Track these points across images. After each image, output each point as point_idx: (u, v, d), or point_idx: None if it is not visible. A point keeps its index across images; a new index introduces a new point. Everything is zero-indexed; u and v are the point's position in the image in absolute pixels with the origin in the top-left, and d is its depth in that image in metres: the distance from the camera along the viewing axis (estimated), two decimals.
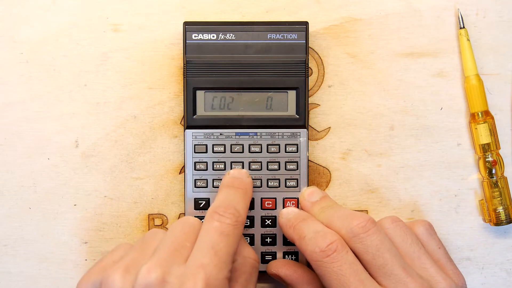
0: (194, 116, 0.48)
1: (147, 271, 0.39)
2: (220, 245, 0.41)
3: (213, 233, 0.41)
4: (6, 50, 0.50)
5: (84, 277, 0.42)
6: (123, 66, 0.50)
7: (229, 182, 0.46)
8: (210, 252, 0.40)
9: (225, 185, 0.46)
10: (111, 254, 0.44)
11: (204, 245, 0.41)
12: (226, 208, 0.42)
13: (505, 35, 0.51)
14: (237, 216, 0.42)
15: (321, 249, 0.42)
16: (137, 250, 0.43)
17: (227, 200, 0.43)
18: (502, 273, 0.51)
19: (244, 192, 0.45)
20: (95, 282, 0.41)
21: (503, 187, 0.50)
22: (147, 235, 0.44)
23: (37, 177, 0.50)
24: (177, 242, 0.41)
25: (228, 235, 0.41)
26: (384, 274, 0.42)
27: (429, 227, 0.47)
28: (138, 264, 0.41)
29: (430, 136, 0.51)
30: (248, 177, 0.47)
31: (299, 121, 0.48)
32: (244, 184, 0.46)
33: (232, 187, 0.45)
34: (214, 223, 0.42)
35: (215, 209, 0.42)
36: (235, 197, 0.44)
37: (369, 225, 0.42)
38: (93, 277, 0.42)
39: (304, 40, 0.48)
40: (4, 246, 0.50)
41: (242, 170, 0.47)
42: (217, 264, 0.40)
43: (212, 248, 0.40)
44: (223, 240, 0.41)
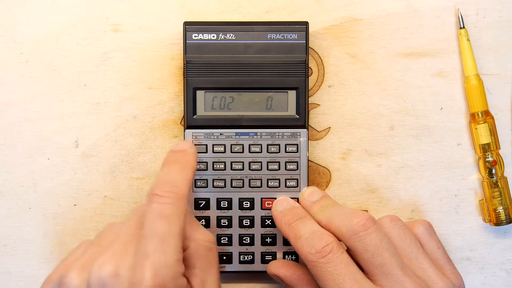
0: (194, 116, 0.48)
1: (99, 266, 0.39)
2: (163, 228, 0.40)
3: (154, 217, 0.40)
4: (6, 50, 0.50)
5: (47, 278, 0.43)
6: (123, 66, 0.50)
7: (168, 158, 0.45)
8: (154, 239, 0.39)
9: (164, 162, 0.45)
10: (72, 252, 0.44)
11: (148, 232, 0.40)
12: (163, 187, 0.41)
13: (505, 35, 0.51)
14: (176, 193, 0.41)
15: (316, 250, 0.42)
16: (95, 246, 0.42)
17: (164, 178, 0.42)
18: (502, 273, 0.51)
19: (183, 165, 0.44)
20: (55, 282, 0.41)
21: (503, 187, 0.50)
22: (104, 230, 0.44)
23: (37, 177, 0.50)
24: (130, 232, 0.41)
25: (169, 215, 0.40)
26: (382, 273, 0.42)
27: (429, 227, 0.47)
28: (94, 260, 0.40)
29: (430, 136, 0.51)
30: (191, 148, 0.46)
31: (299, 121, 0.48)
32: (184, 157, 0.45)
33: (170, 163, 0.44)
34: (153, 205, 0.41)
35: (152, 191, 0.41)
36: (173, 173, 0.43)
37: (369, 223, 0.42)
38: (54, 277, 0.42)
39: (304, 40, 0.48)
40: (4, 246, 0.50)
41: (184, 141, 0.46)
42: (163, 249, 0.39)
43: (155, 233, 0.40)
44: (165, 223, 0.40)
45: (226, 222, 0.48)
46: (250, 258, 0.49)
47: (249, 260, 0.49)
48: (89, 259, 0.41)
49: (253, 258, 0.49)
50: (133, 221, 0.42)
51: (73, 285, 0.40)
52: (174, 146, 0.46)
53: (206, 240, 0.43)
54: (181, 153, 0.45)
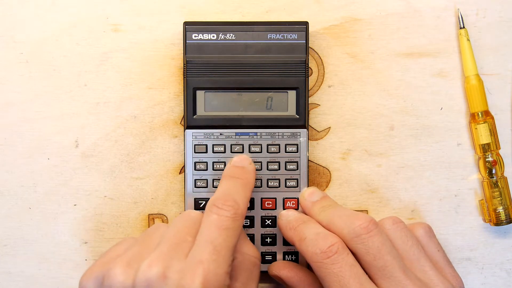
0: (194, 116, 0.48)
1: (148, 266, 0.39)
2: (219, 239, 0.40)
3: (212, 227, 0.41)
4: (6, 50, 0.50)
5: (87, 271, 0.42)
6: (123, 66, 0.50)
7: (230, 172, 0.46)
8: (209, 247, 0.40)
9: (225, 175, 0.46)
10: (114, 248, 0.44)
11: (203, 240, 0.40)
12: (224, 201, 0.42)
13: (505, 35, 0.51)
14: (236, 208, 0.42)
15: (322, 251, 0.42)
16: (139, 244, 0.42)
17: (226, 192, 0.43)
18: (502, 273, 0.51)
19: (244, 182, 0.45)
20: (98, 276, 0.41)
21: (503, 187, 0.50)
22: (149, 229, 0.44)
23: (37, 177, 0.50)
24: (178, 236, 0.41)
25: (227, 228, 0.41)
26: (384, 276, 0.42)
27: (429, 230, 0.47)
28: (140, 258, 0.41)
29: (430, 136, 0.51)
30: (250, 164, 0.46)
31: (299, 121, 0.48)
32: (245, 174, 0.45)
33: (232, 178, 0.45)
34: (213, 216, 0.41)
35: (213, 202, 0.42)
36: (234, 188, 0.44)
37: (371, 226, 0.42)
38: (96, 271, 0.42)
39: (304, 40, 0.48)
40: (4, 246, 0.50)
41: (244, 157, 0.47)
42: (215, 259, 0.40)
43: (211, 243, 0.40)
44: (222, 234, 0.41)
45: None
46: None
47: None
48: (135, 257, 0.41)
49: None
50: (182, 225, 0.42)
51: (118, 280, 0.40)
52: (235, 160, 0.46)
53: (252, 255, 0.44)
54: (242, 169, 0.46)
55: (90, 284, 0.42)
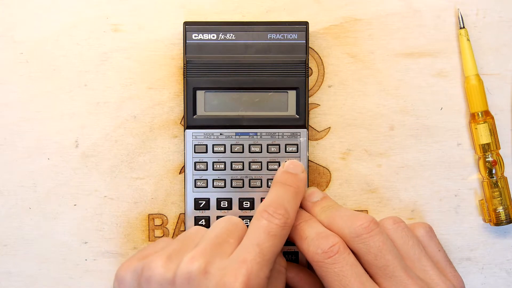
0: (194, 116, 0.48)
1: (190, 259, 0.39)
2: (266, 244, 0.40)
3: (261, 231, 0.41)
4: (6, 50, 0.50)
5: (124, 263, 0.43)
6: (123, 66, 0.50)
7: (282, 179, 0.45)
8: (255, 249, 0.40)
9: (278, 181, 0.45)
10: (153, 245, 0.44)
11: (249, 242, 0.41)
12: (276, 208, 0.42)
13: (505, 35, 0.51)
14: (286, 218, 0.42)
15: (323, 250, 0.42)
16: (179, 243, 0.43)
17: (278, 199, 0.43)
18: (502, 273, 0.51)
19: (296, 191, 0.45)
20: (136, 268, 0.42)
21: (503, 187, 0.50)
22: (189, 231, 0.44)
23: (37, 177, 0.50)
24: (220, 237, 0.41)
25: (275, 235, 0.41)
26: (385, 276, 0.42)
27: (429, 230, 0.47)
28: (181, 254, 0.41)
29: (430, 136, 0.51)
30: (303, 172, 0.46)
31: (299, 121, 0.48)
32: (297, 182, 0.45)
33: (284, 185, 0.45)
34: (263, 221, 0.41)
35: (265, 208, 0.42)
36: (286, 197, 0.44)
37: (372, 226, 0.42)
38: (134, 263, 0.42)
39: (304, 40, 0.48)
40: (4, 246, 0.50)
41: (297, 163, 0.46)
42: (260, 262, 0.40)
43: (258, 245, 0.40)
44: (270, 240, 0.41)
45: None
46: None
47: None
48: (176, 252, 0.41)
49: None
50: (224, 228, 0.42)
51: (159, 272, 0.40)
52: (287, 166, 0.46)
53: (280, 264, 0.44)
54: (295, 177, 0.45)
55: (128, 276, 0.42)
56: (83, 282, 0.50)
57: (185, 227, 0.48)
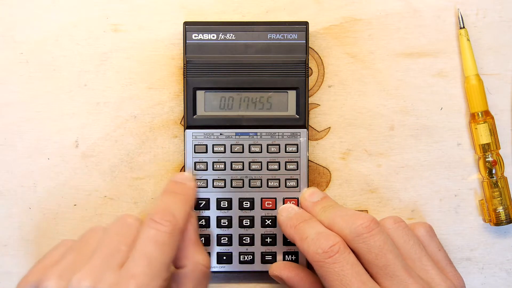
0: (194, 116, 0.48)
1: (78, 280, 0.39)
2: (154, 254, 0.40)
3: (148, 242, 0.40)
4: (6, 50, 0.50)
5: (23, 279, 0.42)
6: (123, 66, 0.50)
7: (170, 188, 0.45)
8: (144, 262, 0.39)
9: (165, 190, 0.45)
10: (52, 252, 0.44)
11: (138, 254, 0.40)
12: (163, 215, 0.41)
13: (505, 35, 0.51)
14: (174, 224, 0.41)
15: (323, 250, 0.42)
16: (75, 251, 0.42)
17: (165, 207, 0.43)
18: (502, 273, 0.51)
19: (185, 198, 0.45)
20: (32, 285, 0.41)
21: (503, 187, 0.50)
22: (86, 234, 0.44)
23: (37, 177, 0.50)
24: (112, 245, 0.41)
25: (163, 243, 0.41)
26: (386, 275, 0.42)
27: (430, 229, 0.47)
28: (73, 269, 0.40)
29: (430, 136, 0.51)
30: (191, 181, 0.46)
31: (299, 121, 0.48)
32: (185, 189, 0.45)
33: (172, 193, 0.45)
34: (150, 231, 0.41)
35: (151, 216, 0.41)
36: (174, 203, 0.43)
37: (372, 225, 0.42)
38: (31, 279, 0.41)
39: (304, 40, 0.48)
40: (4, 246, 0.50)
41: (186, 174, 0.47)
42: (149, 274, 0.39)
43: (146, 257, 0.40)
44: (158, 249, 0.40)
45: (226, 222, 0.48)
46: (250, 258, 0.49)
47: (249, 260, 0.49)
48: (68, 267, 0.41)
49: (253, 258, 0.49)
50: (117, 233, 0.42)
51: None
52: (175, 176, 0.46)
53: (203, 264, 0.43)
54: (182, 186, 0.46)
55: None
56: None
57: None
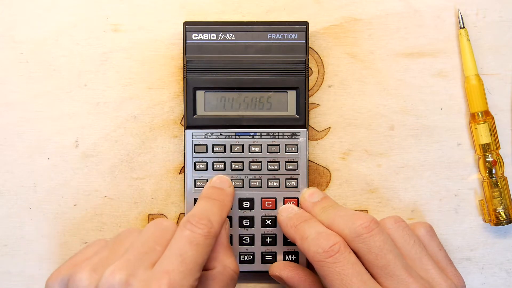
0: (194, 116, 0.48)
1: (111, 273, 0.39)
2: (189, 253, 0.40)
3: (183, 241, 0.41)
4: (6, 50, 0.50)
5: (54, 272, 0.42)
6: (123, 66, 0.50)
7: (208, 194, 0.46)
8: (178, 259, 0.40)
9: (203, 196, 0.46)
10: (84, 250, 0.44)
11: (172, 252, 0.40)
12: (199, 219, 0.42)
13: (505, 35, 0.51)
14: (209, 227, 0.42)
15: (324, 250, 0.42)
16: (109, 250, 0.42)
17: (202, 211, 0.43)
18: (502, 273, 0.51)
19: (221, 204, 0.45)
20: (63, 278, 0.41)
21: (503, 187, 0.50)
22: (121, 234, 0.44)
23: (37, 177, 0.50)
24: (147, 245, 0.41)
25: (197, 244, 0.41)
26: (386, 275, 0.42)
27: (430, 229, 0.47)
28: (106, 264, 0.40)
29: (430, 136, 0.51)
30: (229, 187, 0.47)
31: (299, 121, 0.48)
32: (223, 196, 0.46)
33: (209, 199, 0.45)
34: (186, 231, 0.41)
35: (188, 219, 0.42)
36: (211, 209, 0.44)
37: (372, 225, 0.42)
38: (63, 273, 0.42)
39: (304, 40, 0.48)
40: (4, 246, 0.50)
41: (224, 178, 0.47)
42: (182, 271, 0.39)
43: (180, 255, 0.40)
44: (192, 249, 0.41)
45: None
46: (250, 258, 0.49)
47: (249, 260, 0.49)
48: (102, 262, 0.41)
49: (253, 258, 0.49)
50: (153, 234, 0.42)
51: (83, 285, 0.40)
52: (213, 181, 0.47)
53: (232, 268, 0.43)
54: (220, 192, 0.46)
55: (55, 286, 0.42)
56: None
57: None
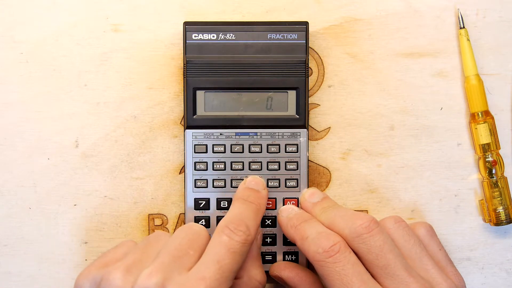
0: (194, 116, 0.48)
1: (148, 275, 0.39)
2: (226, 260, 0.40)
3: (221, 247, 0.41)
4: (6, 50, 0.50)
5: (84, 271, 0.42)
6: (123, 66, 0.50)
7: (244, 195, 0.45)
8: (215, 266, 0.40)
9: (239, 197, 0.45)
10: (114, 250, 0.44)
11: (209, 258, 0.40)
12: (237, 225, 0.42)
13: (505, 35, 0.51)
14: (247, 235, 0.42)
15: (324, 250, 0.42)
16: (140, 251, 0.42)
17: (239, 216, 0.43)
18: (502, 273, 0.51)
19: (257, 208, 0.45)
20: (95, 277, 0.41)
21: (503, 187, 0.50)
22: (151, 237, 0.44)
23: (37, 177, 0.50)
24: (180, 248, 0.41)
25: (235, 252, 0.41)
26: (387, 275, 0.42)
27: (430, 229, 0.47)
28: (140, 265, 0.40)
29: (430, 136, 0.51)
30: (264, 189, 0.46)
31: (299, 121, 0.48)
32: (259, 198, 0.45)
33: (246, 202, 0.45)
34: (224, 237, 0.41)
35: (226, 224, 0.42)
36: (247, 213, 0.44)
37: (372, 225, 0.42)
38: (94, 272, 0.42)
39: (304, 40, 0.48)
40: (4, 246, 0.50)
41: (258, 179, 0.47)
42: (218, 279, 0.39)
43: (217, 262, 0.40)
44: (229, 257, 0.41)
45: None
46: None
47: None
48: (135, 264, 0.41)
49: None
50: (185, 238, 0.42)
51: (117, 285, 0.40)
52: (248, 182, 0.46)
53: (258, 280, 0.44)
54: (256, 194, 0.46)
55: (86, 285, 0.41)
56: None
57: None
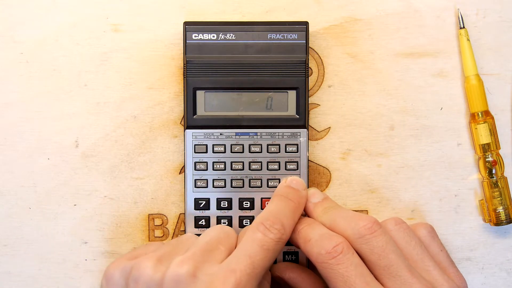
0: (194, 116, 0.48)
1: (180, 263, 0.40)
2: (258, 256, 0.40)
3: (254, 243, 0.41)
4: (6, 50, 0.50)
5: (114, 262, 0.43)
6: (123, 66, 0.50)
7: (284, 192, 0.45)
8: (247, 260, 0.40)
9: (279, 193, 0.45)
10: (143, 247, 0.45)
11: (242, 252, 0.41)
12: (273, 222, 0.42)
13: (505, 35, 0.51)
14: (282, 233, 0.42)
15: (327, 251, 0.42)
16: (170, 247, 0.43)
17: (277, 213, 0.43)
18: (502, 273, 0.51)
19: (295, 206, 0.45)
20: (125, 267, 0.42)
21: (503, 187, 0.50)
22: (181, 237, 0.45)
23: (37, 177, 0.50)
24: (211, 243, 0.42)
25: (268, 249, 0.41)
26: (389, 275, 0.42)
27: (431, 230, 0.47)
28: (171, 257, 0.41)
29: (430, 136, 0.51)
30: (304, 190, 0.46)
31: (299, 121, 0.48)
32: (299, 197, 0.45)
33: (285, 199, 0.45)
34: (258, 234, 0.41)
35: (262, 220, 0.42)
36: (285, 211, 0.44)
37: (375, 226, 0.42)
38: (124, 262, 0.42)
39: (304, 40, 0.48)
40: (4, 246, 0.50)
41: (300, 180, 0.47)
42: (249, 274, 0.40)
43: (250, 257, 0.40)
44: (262, 253, 0.41)
45: (226, 222, 0.48)
46: None
47: None
48: (167, 255, 0.42)
49: None
50: (215, 235, 0.43)
51: (147, 273, 0.40)
52: (290, 181, 0.46)
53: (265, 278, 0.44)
54: (296, 192, 0.46)
55: (116, 274, 0.42)
56: (83, 282, 0.50)
57: (185, 227, 0.48)
